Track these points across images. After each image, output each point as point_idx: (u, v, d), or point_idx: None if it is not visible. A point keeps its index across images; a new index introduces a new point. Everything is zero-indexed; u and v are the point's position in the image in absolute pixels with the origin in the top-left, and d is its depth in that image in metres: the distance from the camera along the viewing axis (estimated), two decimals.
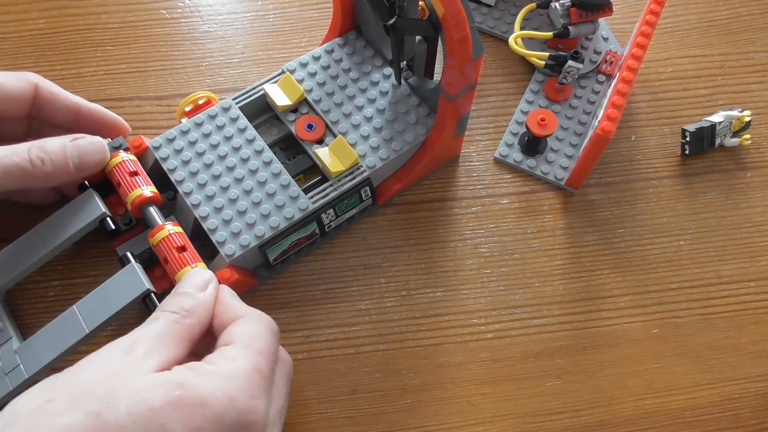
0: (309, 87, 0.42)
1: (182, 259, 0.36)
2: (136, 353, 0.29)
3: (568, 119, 0.47)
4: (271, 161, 0.40)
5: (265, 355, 0.30)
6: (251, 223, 0.38)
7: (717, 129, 0.45)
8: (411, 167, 0.43)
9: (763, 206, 0.45)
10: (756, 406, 0.39)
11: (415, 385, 0.39)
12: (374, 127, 0.41)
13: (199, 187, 0.39)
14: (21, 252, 0.38)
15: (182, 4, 0.51)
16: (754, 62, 0.50)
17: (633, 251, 0.43)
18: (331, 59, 0.43)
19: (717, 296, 0.42)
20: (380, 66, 0.43)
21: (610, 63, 0.48)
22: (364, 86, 0.42)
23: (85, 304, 0.36)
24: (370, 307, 0.41)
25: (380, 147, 0.41)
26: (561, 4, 0.46)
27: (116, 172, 0.39)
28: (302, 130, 0.41)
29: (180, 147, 0.40)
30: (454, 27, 0.34)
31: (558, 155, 0.46)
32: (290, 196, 0.39)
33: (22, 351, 0.36)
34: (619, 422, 0.38)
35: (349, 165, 0.40)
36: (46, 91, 0.40)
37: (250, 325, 0.32)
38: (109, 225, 0.38)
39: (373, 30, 0.43)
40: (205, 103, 0.42)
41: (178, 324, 0.31)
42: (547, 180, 0.45)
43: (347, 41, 0.44)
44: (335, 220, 0.41)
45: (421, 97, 0.42)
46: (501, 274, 0.42)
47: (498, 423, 0.38)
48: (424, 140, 0.42)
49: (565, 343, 0.40)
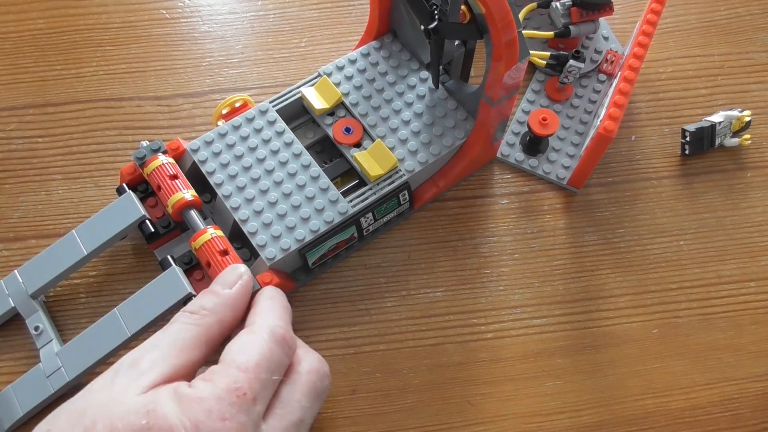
0: (346, 90, 0.42)
1: (225, 263, 0.36)
2: (137, 369, 0.29)
3: (569, 119, 0.47)
4: (309, 164, 0.40)
5: (252, 370, 0.29)
6: (291, 227, 0.38)
7: (717, 129, 0.45)
8: (448, 171, 0.42)
9: (763, 206, 0.45)
10: (756, 406, 0.39)
11: (415, 385, 0.39)
12: (412, 130, 0.41)
13: (239, 190, 0.39)
14: (60, 254, 0.38)
15: (182, 4, 0.51)
16: (754, 62, 0.50)
17: (633, 251, 0.43)
18: (367, 62, 0.43)
19: (717, 296, 0.42)
20: (417, 69, 0.43)
21: (611, 62, 0.48)
22: (401, 89, 0.42)
23: (126, 307, 0.36)
24: (370, 307, 0.41)
25: (419, 151, 0.40)
26: (562, 4, 0.46)
27: (156, 175, 0.38)
28: (340, 133, 0.41)
29: (218, 150, 0.40)
30: (502, 30, 0.33)
31: (560, 155, 0.46)
32: (330, 199, 0.38)
33: (63, 354, 0.36)
34: (619, 422, 0.38)
35: (388, 169, 0.39)
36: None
37: (246, 336, 0.31)
38: (149, 228, 0.38)
39: (410, 33, 0.43)
40: (242, 106, 0.42)
41: (194, 326, 0.31)
42: (549, 180, 0.45)
43: (383, 44, 0.44)
44: (373, 224, 0.40)
45: (458, 100, 0.42)
46: (501, 274, 0.42)
47: (498, 423, 0.38)
48: (462, 144, 0.41)
49: (565, 343, 0.40)
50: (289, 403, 0.30)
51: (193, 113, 0.46)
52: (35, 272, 0.38)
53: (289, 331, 0.32)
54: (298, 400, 0.30)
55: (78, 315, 0.40)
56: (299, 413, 0.30)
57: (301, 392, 0.30)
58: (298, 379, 0.31)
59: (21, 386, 0.36)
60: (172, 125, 0.46)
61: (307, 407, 0.30)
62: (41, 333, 0.37)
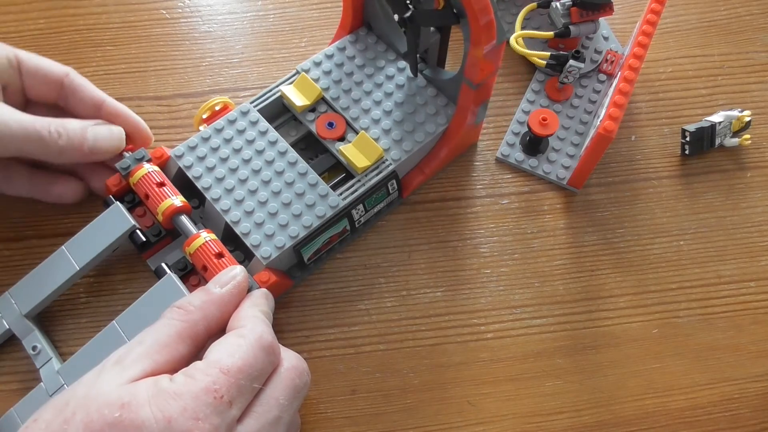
0: (325, 85, 0.42)
1: (221, 265, 0.36)
2: (121, 365, 0.29)
3: (569, 119, 0.47)
4: (296, 161, 0.40)
5: (234, 374, 0.29)
6: (284, 224, 0.38)
7: (717, 129, 0.45)
8: (433, 157, 0.43)
9: (763, 206, 0.45)
10: (756, 406, 0.39)
11: (415, 385, 0.39)
12: (395, 120, 0.41)
13: (227, 192, 0.39)
14: (51, 272, 0.38)
15: (182, 4, 0.51)
16: (754, 62, 0.50)
17: (633, 251, 0.43)
18: (344, 56, 0.43)
19: (717, 296, 0.42)
20: (393, 60, 0.43)
21: (611, 62, 0.48)
22: (380, 81, 0.43)
23: (125, 318, 0.36)
24: (370, 307, 0.41)
25: (403, 139, 0.41)
26: (562, 4, 0.46)
27: (143, 183, 0.38)
28: (323, 128, 0.41)
29: (203, 154, 0.40)
30: (479, 12, 0.34)
31: (560, 155, 0.46)
32: (319, 194, 0.39)
33: (64, 371, 0.36)
34: (619, 422, 0.38)
35: (374, 159, 0.40)
36: (75, 81, 0.41)
37: (232, 338, 0.30)
38: (140, 237, 0.38)
39: (384, 24, 0.43)
40: (222, 109, 0.42)
41: (179, 321, 0.31)
42: (549, 180, 0.45)
43: (358, 38, 0.44)
44: (364, 215, 0.41)
45: (438, 87, 0.42)
46: (501, 274, 0.42)
47: (498, 423, 0.38)
48: (446, 129, 0.42)
49: (565, 343, 0.40)
50: (267, 401, 0.30)
51: (193, 113, 0.46)
52: (27, 292, 0.38)
53: (276, 339, 0.32)
54: (276, 398, 0.30)
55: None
56: (276, 411, 0.30)
57: (280, 390, 0.30)
58: (277, 377, 0.31)
59: (24, 407, 0.35)
60: (172, 125, 0.46)
61: (285, 405, 0.30)
62: (39, 353, 0.37)
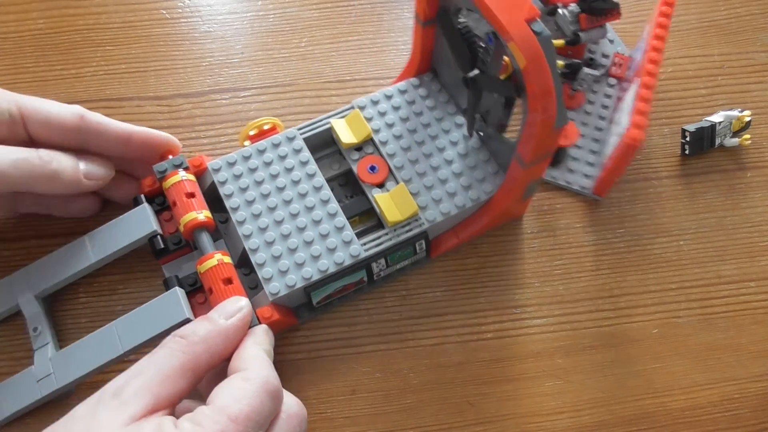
0: (377, 127, 0.41)
1: (227, 292, 0.35)
2: (120, 399, 0.28)
3: (584, 126, 0.46)
4: (328, 200, 0.38)
5: (242, 421, 0.28)
6: (300, 263, 0.37)
7: (717, 129, 0.45)
8: (471, 223, 0.40)
9: (763, 206, 0.45)
10: (756, 406, 0.39)
11: (415, 385, 0.39)
12: (439, 178, 0.39)
13: (253, 218, 0.38)
14: (68, 258, 0.38)
15: (182, 4, 0.51)
16: (754, 62, 0.50)
17: (633, 251, 0.43)
18: (403, 99, 0.42)
19: (717, 296, 0.42)
20: (453, 114, 0.41)
21: (619, 65, 0.48)
22: (434, 133, 0.41)
23: (123, 323, 0.36)
24: (370, 307, 0.41)
25: (442, 200, 0.39)
26: (570, 11, 0.46)
27: (173, 191, 0.38)
28: (364, 171, 0.39)
29: (239, 172, 0.39)
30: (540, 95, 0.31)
31: (579, 164, 0.45)
32: (343, 240, 0.37)
33: (56, 360, 0.36)
34: (618, 422, 0.38)
35: (407, 216, 0.38)
36: (92, 123, 0.38)
37: (239, 382, 0.30)
38: (159, 243, 0.38)
39: (450, 75, 0.41)
40: (270, 129, 0.41)
41: (182, 353, 0.30)
42: (571, 189, 0.44)
43: (422, 82, 0.42)
44: (385, 269, 0.39)
45: (491, 151, 0.40)
46: (501, 274, 0.42)
47: (498, 423, 0.38)
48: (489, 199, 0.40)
49: (565, 343, 0.40)
50: None
51: (193, 113, 0.46)
52: (42, 272, 0.38)
53: (280, 383, 0.31)
54: None
55: (76, 321, 0.40)
56: None
57: None
58: (280, 423, 0.31)
59: (10, 387, 0.36)
60: (172, 125, 0.46)
61: None
62: (39, 334, 0.37)
